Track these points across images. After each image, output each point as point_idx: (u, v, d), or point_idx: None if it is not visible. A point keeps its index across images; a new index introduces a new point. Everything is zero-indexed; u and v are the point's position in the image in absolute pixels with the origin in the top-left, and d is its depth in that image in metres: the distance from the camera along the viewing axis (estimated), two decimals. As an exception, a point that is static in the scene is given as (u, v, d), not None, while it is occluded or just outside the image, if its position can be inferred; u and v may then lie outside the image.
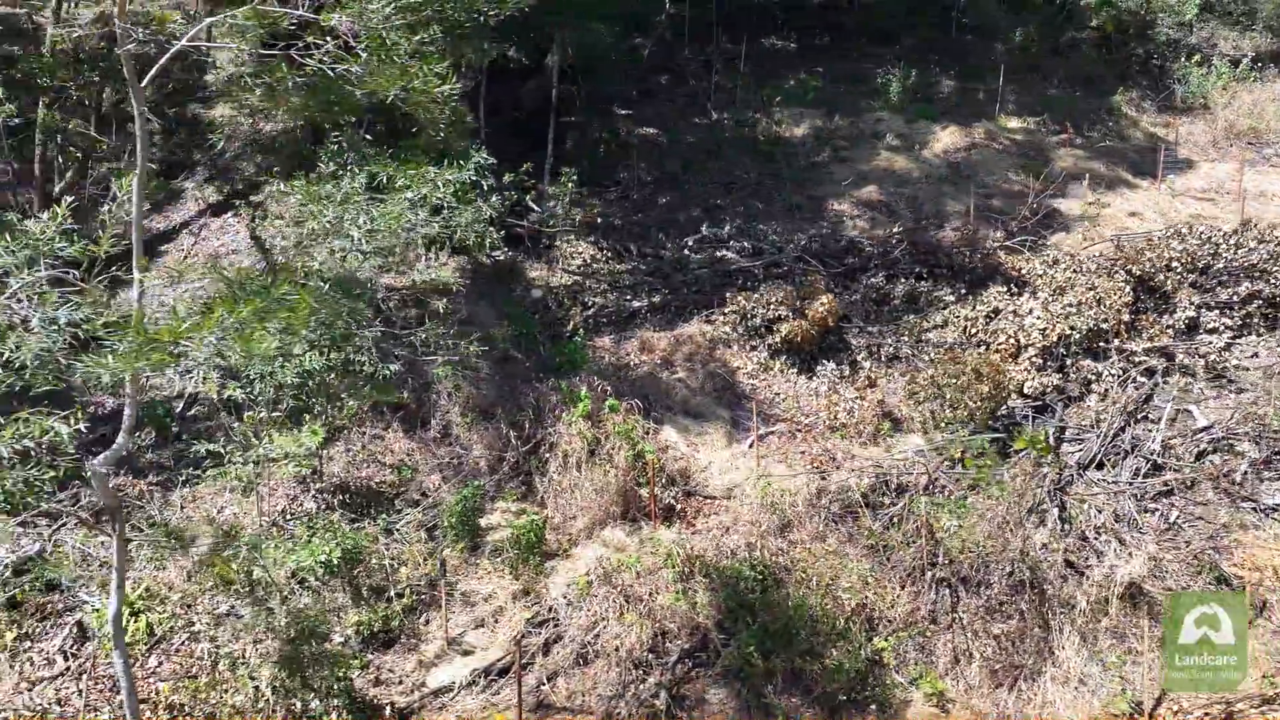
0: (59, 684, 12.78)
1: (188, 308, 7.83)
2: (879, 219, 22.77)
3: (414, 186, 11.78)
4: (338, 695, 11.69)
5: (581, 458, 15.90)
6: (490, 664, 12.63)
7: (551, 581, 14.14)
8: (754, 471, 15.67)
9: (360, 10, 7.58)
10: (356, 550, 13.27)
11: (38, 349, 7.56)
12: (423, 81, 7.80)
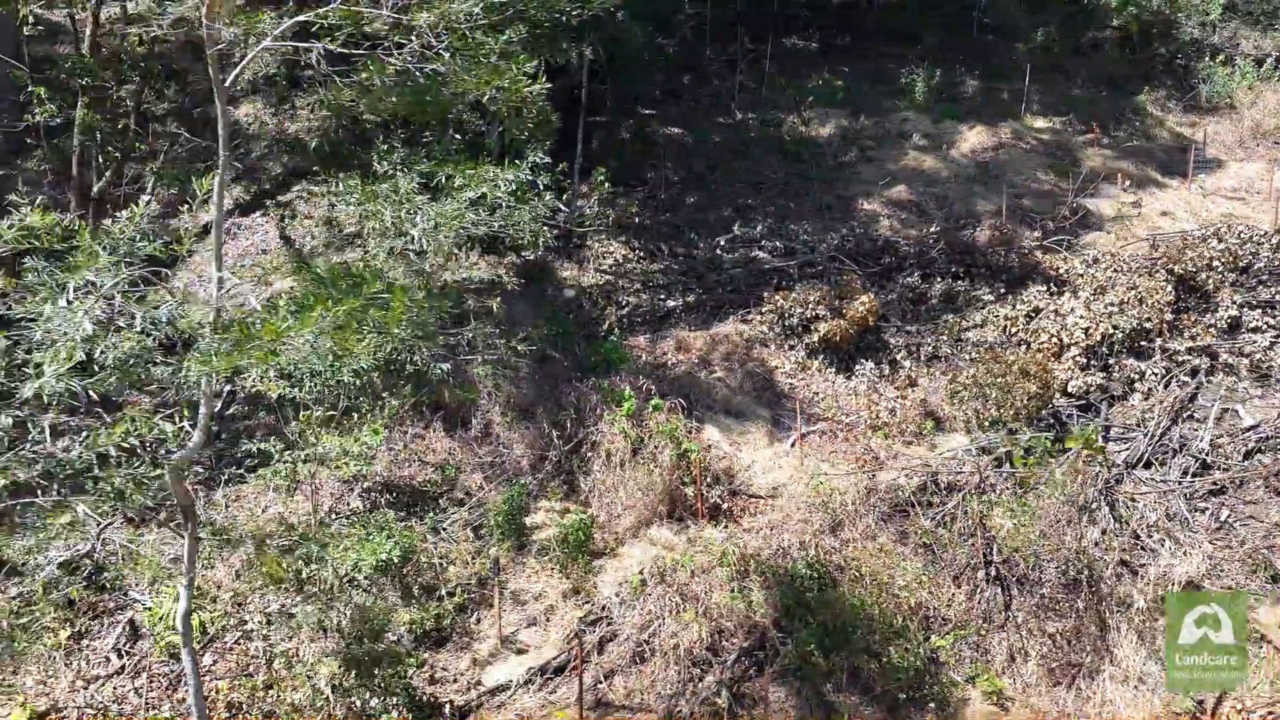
0: (116, 682, 12.80)
1: (284, 306, 7.80)
2: (910, 219, 22.79)
3: (473, 186, 11.80)
4: (397, 693, 11.71)
5: (625, 457, 15.92)
6: (545, 662, 12.65)
7: (601, 580, 14.17)
8: (798, 470, 15.69)
9: (445, 10, 7.60)
10: (410, 549, 13.30)
11: (135, 348, 7.58)
12: (512, 81, 7.82)
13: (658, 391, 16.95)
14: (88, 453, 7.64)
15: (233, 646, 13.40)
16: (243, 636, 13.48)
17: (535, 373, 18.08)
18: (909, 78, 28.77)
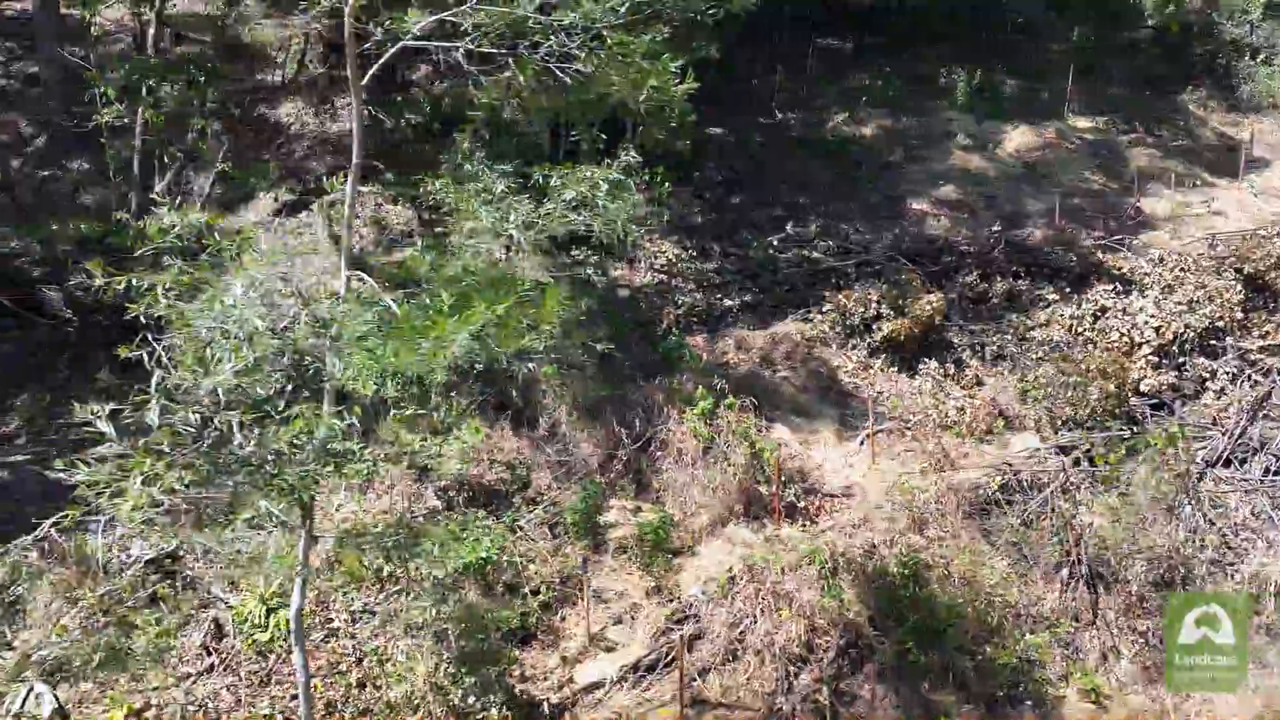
0: (208, 680, 12.83)
1: (445, 302, 7.81)
2: (960, 218, 22.80)
3: (572, 186, 11.83)
4: (495, 691, 11.74)
5: (696, 456, 15.95)
6: (637, 660, 12.68)
7: (681, 578, 14.20)
8: (870, 469, 15.73)
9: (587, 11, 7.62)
10: (499, 548, 13.34)
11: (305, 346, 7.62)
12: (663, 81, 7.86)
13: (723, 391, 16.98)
14: (261, 450, 7.66)
15: (320, 644, 13.43)
16: (329, 635, 13.51)
17: (599, 372, 18.11)
18: (947, 78, 28.82)
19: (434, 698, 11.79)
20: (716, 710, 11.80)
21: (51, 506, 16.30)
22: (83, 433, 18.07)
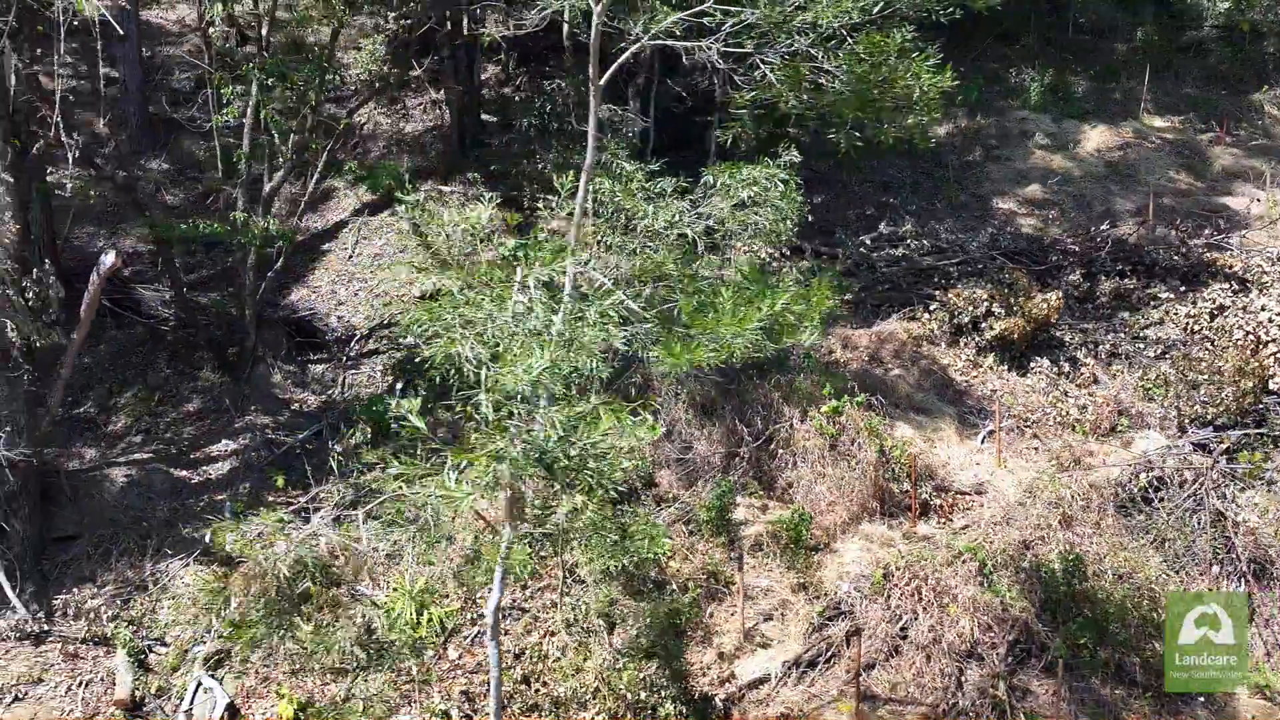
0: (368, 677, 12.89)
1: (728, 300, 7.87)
2: (1050, 217, 22.87)
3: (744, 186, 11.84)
4: (665, 686, 11.80)
5: (822, 453, 16.00)
6: (797, 656, 12.74)
7: (824, 575, 14.25)
8: (999, 466, 15.77)
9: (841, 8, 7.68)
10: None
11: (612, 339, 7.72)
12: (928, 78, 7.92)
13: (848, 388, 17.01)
14: (568, 445, 7.74)
15: (474, 641, 13.50)
16: (482, 631, 13.57)
17: (713, 370, 18.16)
18: (1017, 78, 28.88)
19: (606, 692, 11.85)
20: (888, 706, 11.86)
21: (179, 503, 16.47)
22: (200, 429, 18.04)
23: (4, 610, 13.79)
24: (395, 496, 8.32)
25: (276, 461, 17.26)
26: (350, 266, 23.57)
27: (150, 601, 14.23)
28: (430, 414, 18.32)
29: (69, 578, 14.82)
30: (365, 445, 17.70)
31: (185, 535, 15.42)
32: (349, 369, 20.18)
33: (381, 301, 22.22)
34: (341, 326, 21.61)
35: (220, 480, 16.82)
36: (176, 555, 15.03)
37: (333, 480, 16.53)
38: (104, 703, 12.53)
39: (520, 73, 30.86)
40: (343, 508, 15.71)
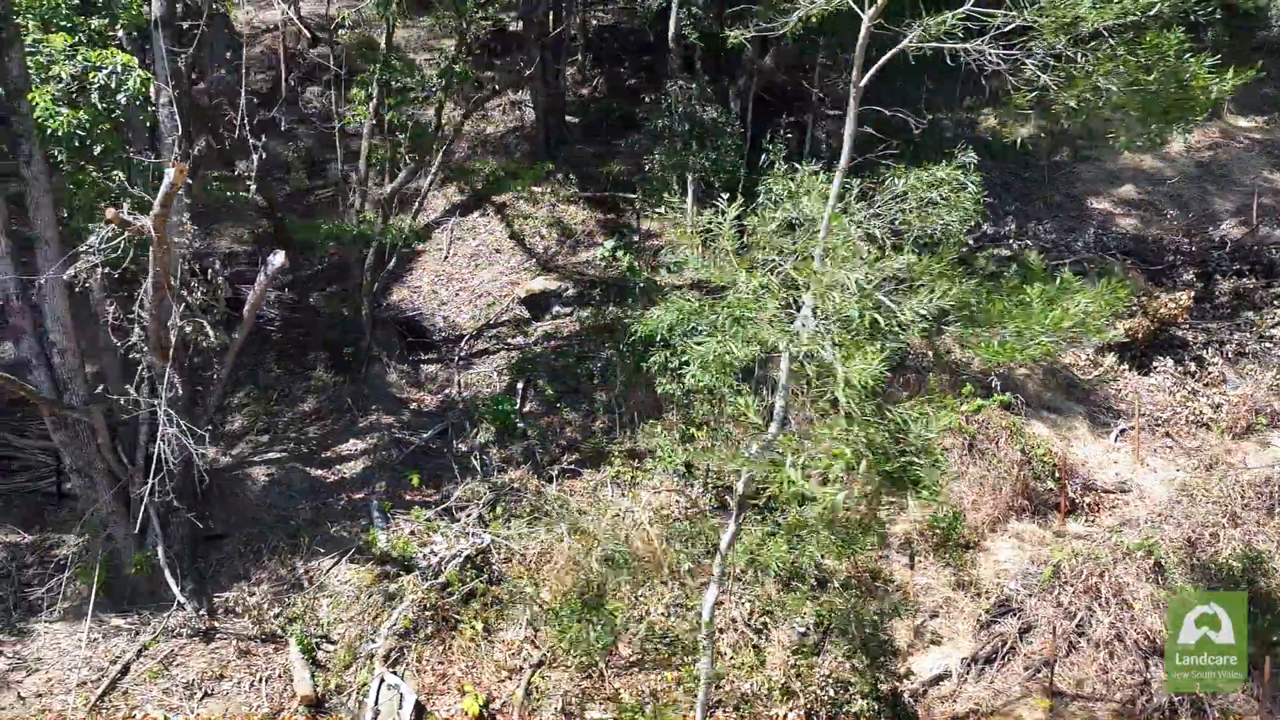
0: (547, 674, 12.97)
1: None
2: (1147, 216, 22.92)
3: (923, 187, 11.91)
4: (854, 683, 11.87)
5: (962, 452, 16.07)
6: (973, 653, 12.80)
7: (980, 573, 14.31)
8: (1138, 465, 15.83)
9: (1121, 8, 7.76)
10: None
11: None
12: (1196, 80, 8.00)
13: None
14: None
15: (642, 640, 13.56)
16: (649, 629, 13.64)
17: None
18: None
19: (799, 686, 11.92)
20: (1076, 702, 11.92)
21: (319, 502, 16.54)
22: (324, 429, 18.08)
23: (170, 608, 13.89)
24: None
25: (406, 461, 17.35)
26: (447, 266, 23.68)
27: (309, 599, 14.31)
28: (556, 413, 18.48)
29: (223, 575, 14.93)
30: (491, 444, 17.82)
31: (334, 534, 15.55)
32: (461, 369, 20.28)
33: (485, 302, 22.34)
34: (447, 326, 21.72)
35: (355, 479, 16.91)
36: (328, 554, 15.12)
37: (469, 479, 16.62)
38: (286, 699, 12.60)
39: (595, 73, 31.01)
40: (485, 506, 15.82)
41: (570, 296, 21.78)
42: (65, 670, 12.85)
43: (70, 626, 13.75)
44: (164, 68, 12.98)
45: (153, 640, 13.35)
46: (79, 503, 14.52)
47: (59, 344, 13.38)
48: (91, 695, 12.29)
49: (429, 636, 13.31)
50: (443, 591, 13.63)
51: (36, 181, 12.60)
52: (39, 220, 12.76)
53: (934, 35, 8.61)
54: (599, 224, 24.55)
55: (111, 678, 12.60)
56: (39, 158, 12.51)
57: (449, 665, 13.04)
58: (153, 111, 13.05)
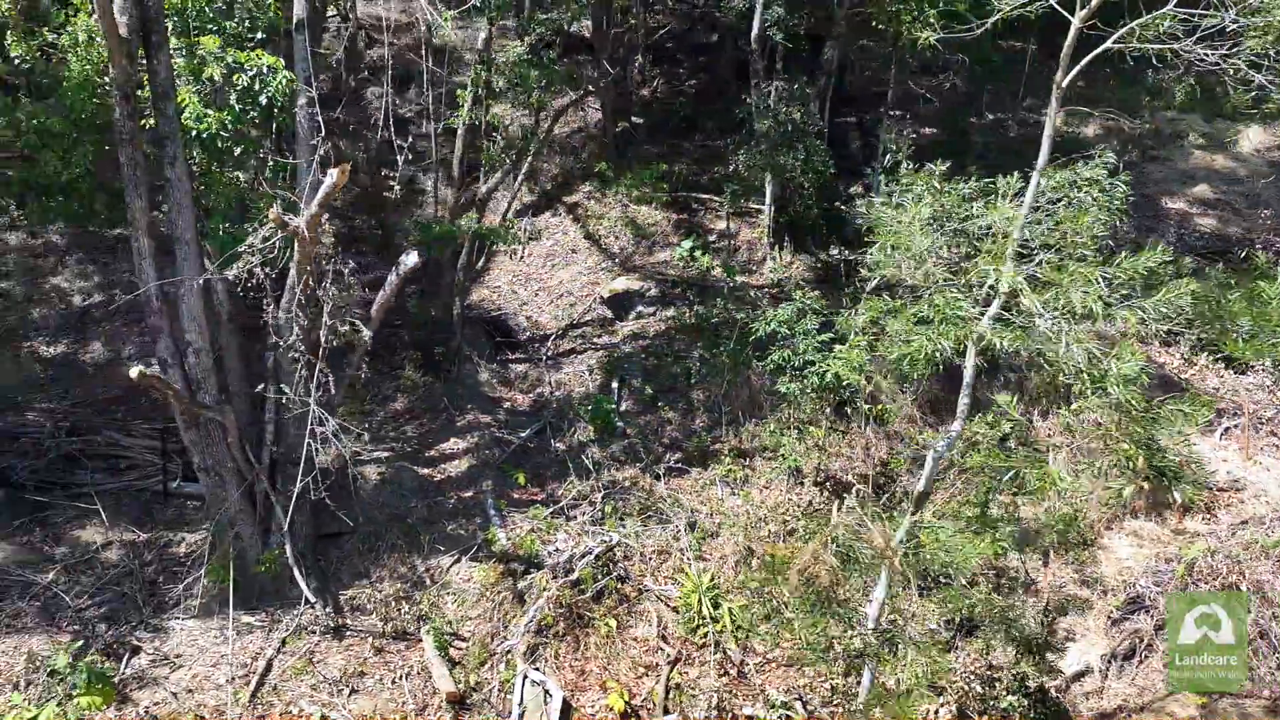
0: (685, 671, 13.06)
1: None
2: (1225, 216, 22.96)
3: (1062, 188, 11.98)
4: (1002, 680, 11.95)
5: (1069, 451, 16.10)
6: (1111, 649, 12.87)
7: (1102, 570, 14.37)
8: (1248, 463, 15.88)
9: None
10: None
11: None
12: None
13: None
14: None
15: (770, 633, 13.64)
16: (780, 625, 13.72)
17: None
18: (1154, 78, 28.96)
19: (944, 683, 12.00)
20: (1224, 699, 11.98)
21: (430, 500, 16.63)
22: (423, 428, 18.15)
23: (298, 605, 14.01)
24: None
25: (509, 459, 17.44)
26: (523, 266, 23.78)
27: (434, 596, 14.41)
28: (653, 412, 18.56)
29: (344, 573, 15.04)
30: (591, 443, 17.91)
31: (450, 532, 15.65)
32: (550, 368, 20.39)
33: (567, 302, 22.44)
34: (530, 326, 21.83)
35: (461, 478, 17.02)
36: (446, 551, 15.23)
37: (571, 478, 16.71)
38: (427, 695, 12.70)
39: (654, 74, 31.11)
40: (601, 504, 15.91)
41: (653, 296, 21.89)
42: (208, 666, 12.97)
43: (202, 623, 13.89)
44: (307, 68, 13.08)
45: (289, 637, 13.46)
46: (206, 501, 14.64)
47: (194, 343, 13.51)
48: (243, 691, 12.40)
49: (561, 633, 13.41)
50: (574, 589, 13.72)
51: (179, 183, 12.73)
52: (179, 221, 12.89)
53: (1144, 37, 8.67)
54: (671, 224, 24.65)
55: (259, 674, 12.71)
56: (182, 159, 12.63)
57: (586, 662, 13.15)
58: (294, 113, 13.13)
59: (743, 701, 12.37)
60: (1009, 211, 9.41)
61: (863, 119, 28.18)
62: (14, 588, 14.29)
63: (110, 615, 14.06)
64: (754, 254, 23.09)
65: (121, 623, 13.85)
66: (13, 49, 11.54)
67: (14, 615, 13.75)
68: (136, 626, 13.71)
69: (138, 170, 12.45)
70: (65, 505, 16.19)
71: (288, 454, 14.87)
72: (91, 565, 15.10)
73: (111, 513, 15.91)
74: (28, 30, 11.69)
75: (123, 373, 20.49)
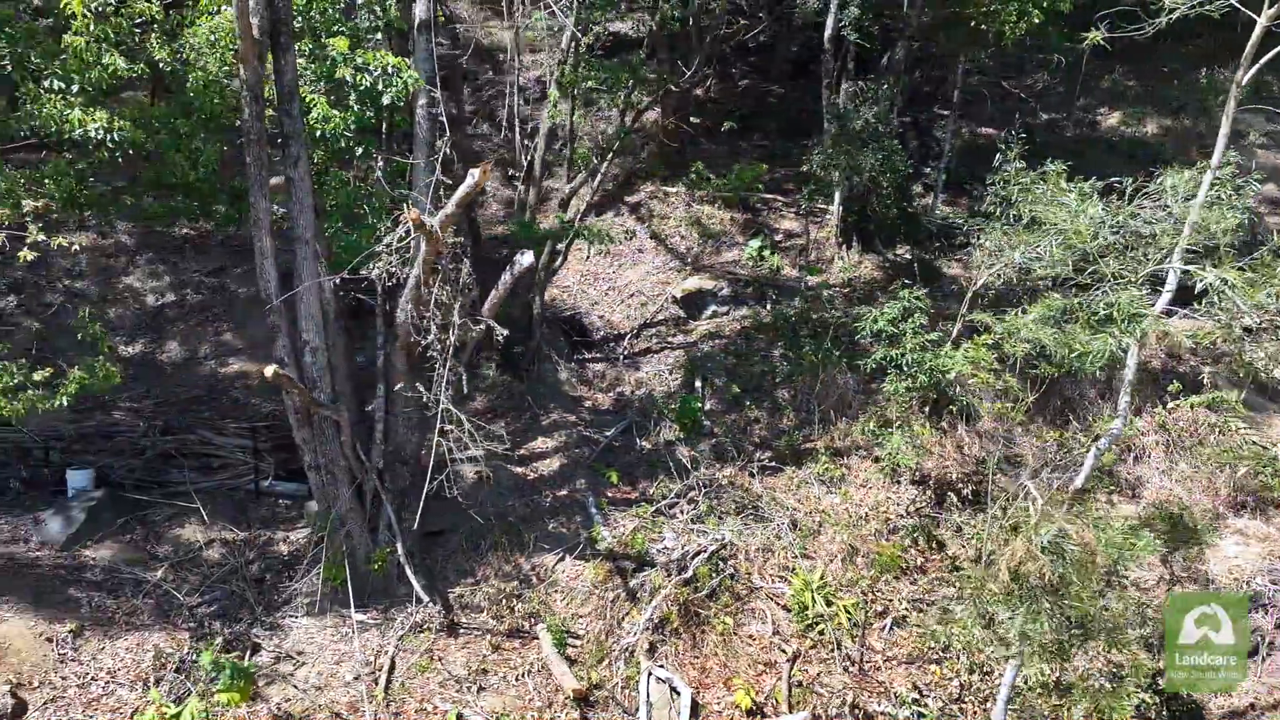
0: (807, 668, 13.11)
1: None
2: (1298, 215, 22.99)
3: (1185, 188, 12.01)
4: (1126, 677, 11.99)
5: (1167, 449, 16.16)
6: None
7: (1210, 569, 14.40)
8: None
9: None
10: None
11: None
12: None
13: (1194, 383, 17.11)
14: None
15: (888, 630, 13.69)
16: (892, 624, 13.78)
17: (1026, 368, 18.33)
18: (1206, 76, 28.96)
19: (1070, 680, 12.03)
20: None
21: (526, 499, 16.68)
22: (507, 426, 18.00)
23: (408, 603, 14.07)
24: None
25: (599, 458, 17.49)
26: (591, 265, 23.82)
27: (542, 595, 14.46)
28: (738, 411, 18.60)
29: (449, 571, 15.09)
30: (678, 442, 17.95)
31: (551, 530, 15.70)
32: (628, 367, 20.44)
33: (639, 301, 22.49)
34: (604, 325, 21.89)
35: (554, 477, 17.06)
36: (550, 550, 15.27)
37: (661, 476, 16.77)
38: (550, 693, 12.74)
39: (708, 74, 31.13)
40: (703, 502, 15.95)
41: (725, 296, 21.92)
42: (331, 664, 13.03)
43: (316, 621, 13.94)
44: (429, 68, 13.13)
45: (406, 635, 13.52)
46: (315, 499, 14.70)
47: (310, 342, 13.58)
48: (373, 689, 12.46)
49: (678, 631, 13.46)
50: (687, 586, 13.77)
51: (302, 183, 12.79)
52: (300, 221, 12.95)
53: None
54: (734, 223, 24.71)
55: (386, 671, 12.77)
56: (305, 160, 12.70)
57: (704, 659, 13.19)
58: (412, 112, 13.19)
59: (870, 698, 12.40)
60: (1181, 210, 9.42)
61: (917, 118, 28.18)
62: (126, 585, 14.36)
63: (222, 613, 14.12)
64: (822, 253, 23.13)
65: (235, 620, 13.91)
66: (156, 52, 11.60)
67: (130, 613, 13.82)
68: (252, 624, 13.77)
69: (263, 170, 12.52)
70: (162, 504, 16.28)
71: (396, 452, 14.96)
72: (196, 563, 15.17)
73: (208, 512, 15.99)
74: (170, 32, 11.75)
75: (201, 372, 20.75)
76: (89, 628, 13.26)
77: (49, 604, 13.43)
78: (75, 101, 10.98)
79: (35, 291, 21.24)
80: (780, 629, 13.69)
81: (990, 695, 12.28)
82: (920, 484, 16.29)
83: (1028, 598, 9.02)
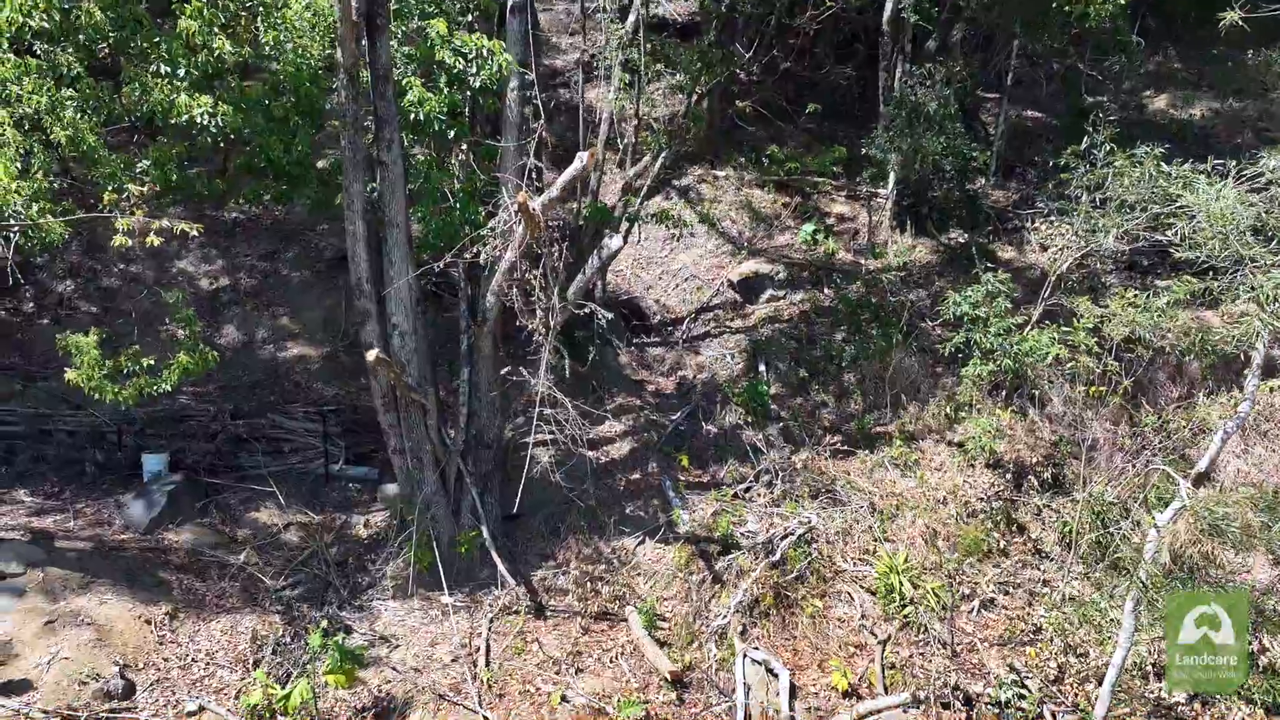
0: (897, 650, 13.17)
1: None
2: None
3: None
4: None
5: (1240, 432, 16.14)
6: (1324, 633, 12.94)
7: (1295, 553, 14.41)
8: None
9: None
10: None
11: None
12: None
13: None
14: None
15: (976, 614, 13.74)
16: (983, 605, 13.83)
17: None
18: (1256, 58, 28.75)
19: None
20: None
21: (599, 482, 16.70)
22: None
23: (492, 586, 14.15)
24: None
25: (668, 442, 17.52)
26: (641, 250, 23.77)
27: (626, 578, 14.53)
28: (804, 395, 18.60)
29: (530, 555, 15.16)
30: (744, 426, 17.97)
31: (630, 514, 15.75)
32: (688, 351, 20.44)
33: (694, 285, 22.47)
34: (660, 309, 21.88)
35: (625, 460, 17.10)
36: (630, 533, 15.33)
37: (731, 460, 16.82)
38: (644, 675, 12.82)
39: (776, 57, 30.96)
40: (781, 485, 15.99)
41: (782, 280, 21.89)
42: (426, 645, 13.12)
43: (403, 603, 14.02)
44: (521, 51, 13.08)
45: (496, 617, 13.60)
46: (400, 483, 14.76)
47: (400, 326, 13.60)
48: (472, 670, 12.54)
49: (766, 614, 13.52)
50: (775, 569, 13.82)
51: (394, 166, 12.76)
52: (392, 205, 12.94)
53: None
54: (785, 207, 24.65)
55: (484, 653, 12.84)
56: (399, 143, 12.67)
57: (796, 641, 13.26)
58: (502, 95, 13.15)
59: (968, 680, 12.45)
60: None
61: (963, 102, 28.01)
62: (211, 568, 14.44)
63: (307, 596, 14.21)
64: (875, 237, 23.07)
65: (321, 603, 13.99)
66: (263, 35, 11.56)
67: (219, 595, 13.91)
68: (340, 606, 13.85)
69: (358, 154, 12.49)
70: (237, 488, 16.35)
71: (479, 436, 15.00)
72: (276, 546, 15.24)
73: (282, 494, 16.06)
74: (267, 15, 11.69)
75: (261, 356, 20.78)
76: (182, 610, 13.35)
77: (142, 586, 13.51)
78: (181, 86, 10.95)
79: (91, 276, 21.25)
80: (867, 612, 13.73)
81: (1089, 676, 12.34)
82: (995, 468, 16.30)
83: (1187, 581, 9.04)
